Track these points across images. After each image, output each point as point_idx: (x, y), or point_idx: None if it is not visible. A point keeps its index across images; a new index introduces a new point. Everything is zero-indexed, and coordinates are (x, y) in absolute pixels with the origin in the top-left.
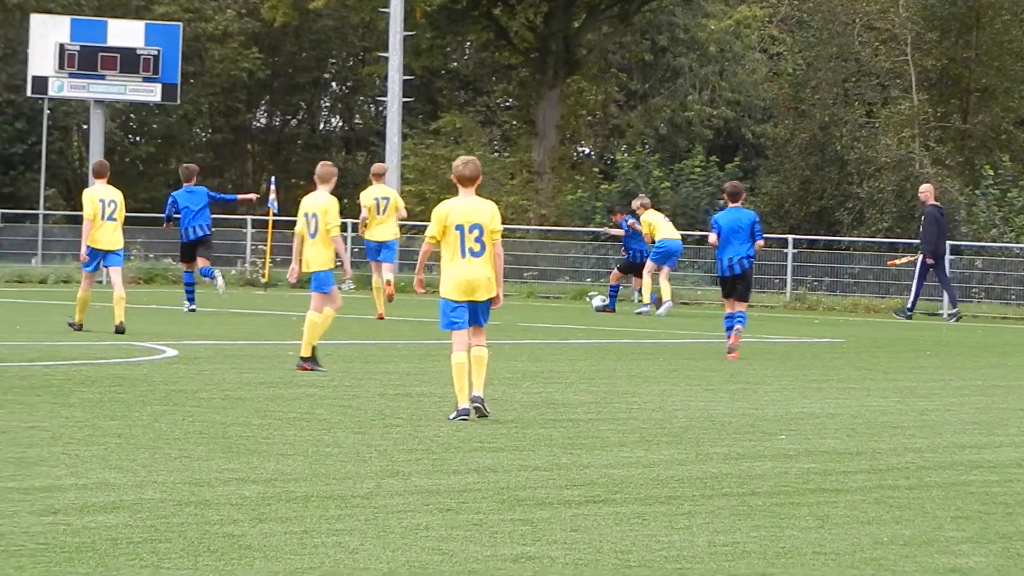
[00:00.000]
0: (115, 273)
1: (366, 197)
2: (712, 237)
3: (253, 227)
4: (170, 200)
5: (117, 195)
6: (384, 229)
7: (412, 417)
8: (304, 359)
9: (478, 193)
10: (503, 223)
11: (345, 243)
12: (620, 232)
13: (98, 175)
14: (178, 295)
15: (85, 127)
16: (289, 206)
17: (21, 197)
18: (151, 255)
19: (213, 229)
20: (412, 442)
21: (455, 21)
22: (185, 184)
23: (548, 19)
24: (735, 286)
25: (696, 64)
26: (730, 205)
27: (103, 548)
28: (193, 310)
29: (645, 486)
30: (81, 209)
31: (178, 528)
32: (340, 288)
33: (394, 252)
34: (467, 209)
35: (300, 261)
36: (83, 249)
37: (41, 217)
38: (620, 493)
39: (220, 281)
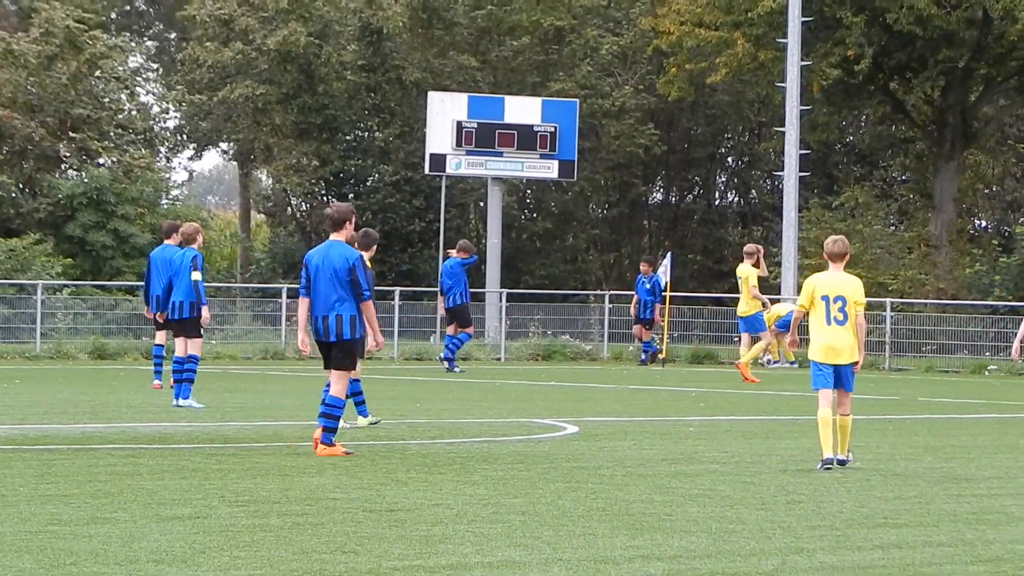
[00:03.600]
0: None
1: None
2: None
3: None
4: (443, 269)
5: None
6: None
7: (815, 493)
8: None
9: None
10: (900, 297)
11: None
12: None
13: (364, 248)
14: (575, 372)
15: (481, 204)
16: (686, 282)
17: (419, 275)
18: (548, 331)
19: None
20: (815, 518)
21: (851, 95)
22: (455, 255)
23: (945, 92)
24: None
25: None
26: None
27: None
28: (450, 369)
29: None
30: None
31: None
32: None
33: None
34: (833, 282)
35: None
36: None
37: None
38: None
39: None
